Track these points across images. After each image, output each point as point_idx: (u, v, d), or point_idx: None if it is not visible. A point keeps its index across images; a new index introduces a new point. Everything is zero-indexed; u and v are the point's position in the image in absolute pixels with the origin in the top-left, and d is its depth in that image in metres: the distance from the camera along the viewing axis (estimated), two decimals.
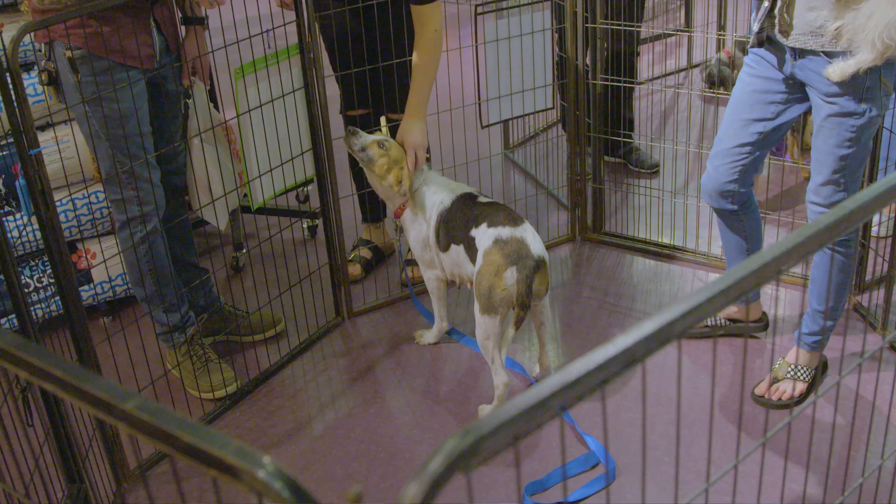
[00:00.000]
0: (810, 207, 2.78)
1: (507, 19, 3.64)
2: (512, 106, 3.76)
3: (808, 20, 2.53)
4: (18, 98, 2.44)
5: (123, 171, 2.84)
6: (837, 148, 2.62)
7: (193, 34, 3.12)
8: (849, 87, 2.52)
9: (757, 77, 2.78)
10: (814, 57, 2.57)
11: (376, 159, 3.16)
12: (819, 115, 2.64)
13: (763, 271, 1.00)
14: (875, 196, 1.17)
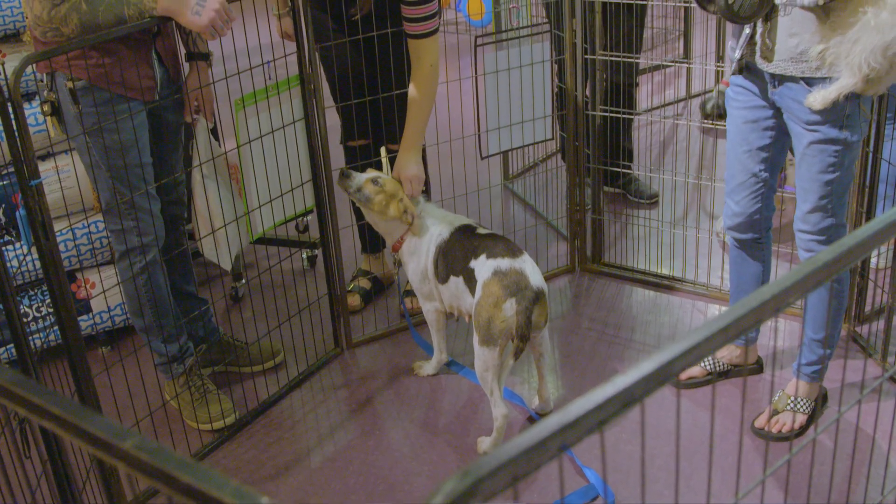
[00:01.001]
0: (799, 236, 2.79)
1: (506, 50, 3.66)
2: (511, 137, 3.77)
3: (789, 46, 2.56)
4: (20, 128, 2.45)
5: (123, 202, 2.85)
6: (822, 174, 2.64)
7: (197, 70, 3.13)
8: (829, 115, 2.55)
9: (744, 109, 2.81)
10: (793, 84, 2.60)
11: (373, 197, 3.17)
12: (801, 143, 2.66)
13: (762, 309, 1.01)
14: (873, 233, 1.18)
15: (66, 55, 2.67)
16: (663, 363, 0.90)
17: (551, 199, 4.57)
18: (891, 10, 2.34)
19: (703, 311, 3.69)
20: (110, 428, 0.87)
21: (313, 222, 4.26)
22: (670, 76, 6.31)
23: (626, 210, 4.54)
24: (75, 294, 3.52)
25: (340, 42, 3.43)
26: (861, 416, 2.96)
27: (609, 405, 0.86)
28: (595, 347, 3.48)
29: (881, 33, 2.36)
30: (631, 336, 3.55)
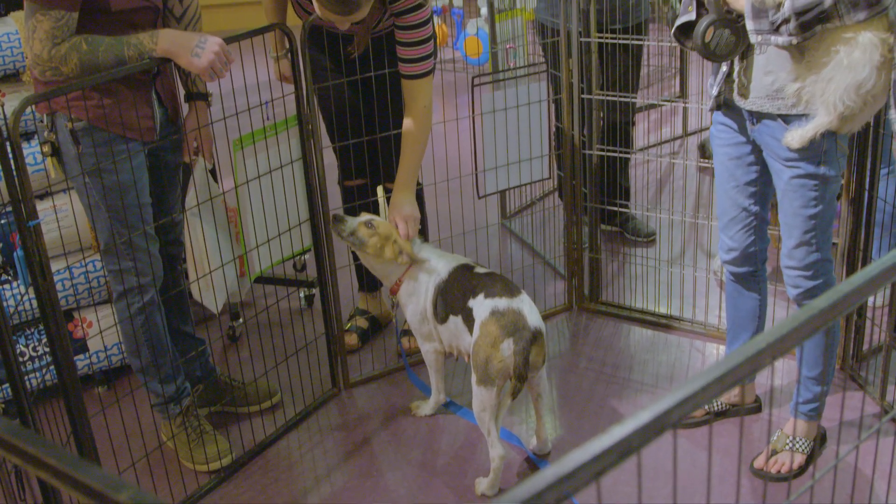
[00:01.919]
0: (786, 272, 2.80)
1: (503, 90, 3.68)
2: (509, 176, 3.79)
3: (765, 84, 2.60)
4: (18, 169, 2.46)
5: (122, 242, 2.85)
6: (804, 209, 2.66)
7: (196, 110, 3.15)
8: (807, 151, 2.58)
9: (727, 146, 2.86)
10: (770, 122, 2.64)
11: (367, 240, 3.17)
12: (780, 179, 2.69)
13: (758, 358, 1.01)
14: (869, 279, 1.18)
15: (65, 96, 2.68)
16: (660, 413, 0.90)
17: (549, 238, 4.58)
18: (862, 49, 2.38)
19: (700, 349, 3.69)
20: (106, 479, 0.86)
21: (311, 261, 4.26)
22: (666, 114, 6.34)
23: (623, 248, 4.55)
24: (72, 333, 3.51)
25: (338, 82, 3.45)
26: (859, 456, 2.95)
27: (606, 456, 0.86)
28: (593, 387, 3.47)
29: (854, 72, 2.40)
30: (629, 375, 3.54)
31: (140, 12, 2.81)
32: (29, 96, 2.52)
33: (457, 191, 4.06)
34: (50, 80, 2.70)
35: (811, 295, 2.79)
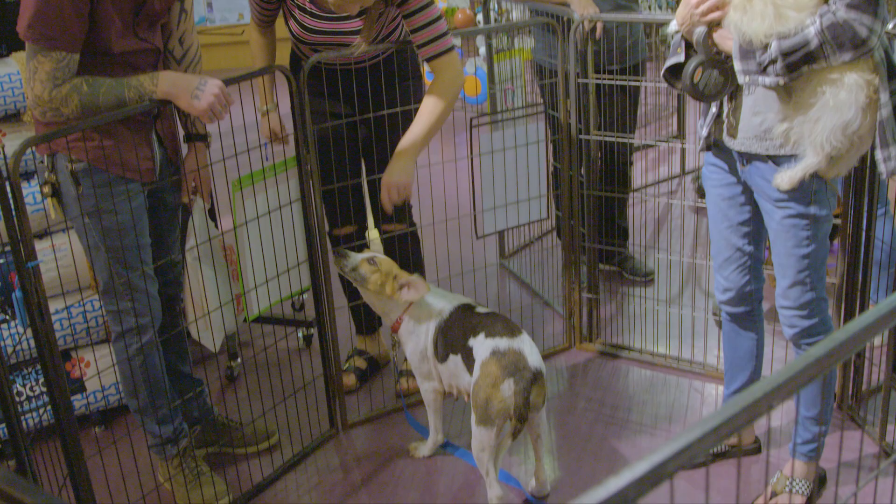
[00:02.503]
0: (782, 312, 2.81)
1: (502, 131, 3.70)
2: (507, 216, 3.80)
3: (753, 124, 2.62)
4: (18, 210, 2.47)
5: (120, 283, 2.85)
6: (796, 248, 2.68)
7: (195, 151, 3.16)
8: (796, 192, 2.60)
9: (719, 186, 2.87)
10: (760, 163, 2.66)
11: (368, 276, 3.17)
12: (772, 219, 2.71)
13: (755, 407, 1.01)
14: (865, 326, 1.18)
15: (65, 137, 2.69)
16: (656, 465, 0.90)
17: (547, 277, 4.58)
18: (848, 90, 2.40)
19: (699, 390, 3.68)
20: None
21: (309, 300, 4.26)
22: (664, 153, 6.37)
23: (621, 288, 4.55)
24: (69, 373, 3.50)
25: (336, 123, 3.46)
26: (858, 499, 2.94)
27: None
28: (592, 428, 3.46)
29: (840, 112, 2.42)
30: (628, 416, 3.53)
31: (141, 54, 2.83)
32: (30, 138, 2.53)
33: (455, 231, 4.08)
34: (50, 121, 2.72)
35: (807, 334, 2.79)
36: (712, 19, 2.53)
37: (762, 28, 2.41)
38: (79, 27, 2.60)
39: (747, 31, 2.44)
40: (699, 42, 2.56)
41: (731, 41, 2.50)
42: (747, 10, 2.43)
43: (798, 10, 2.38)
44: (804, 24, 2.37)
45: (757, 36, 2.43)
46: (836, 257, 3.30)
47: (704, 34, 2.55)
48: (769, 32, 2.41)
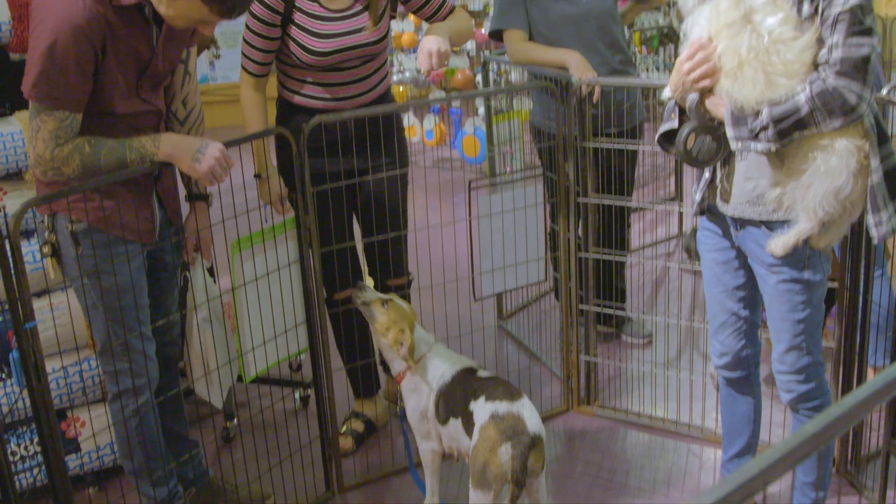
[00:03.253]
0: (779, 378, 2.82)
1: (500, 194, 3.72)
2: (505, 278, 3.80)
3: (746, 189, 2.65)
4: (17, 271, 2.48)
5: (118, 344, 2.85)
6: (792, 313, 2.69)
7: (196, 211, 3.17)
8: (790, 257, 2.61)
9: (714, 251, 2.89)
10: (754, 229, 2.67)
11: (377, 317, 3.17)
12: (766, 285, 2.72)
13: (750, 485, 1.01)
14: (861, 401, 1.18)
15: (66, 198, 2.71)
16: None
17: (545, 339, 4.58)
18: (839, 156, 2.43)
19: (697, 454, 3.66)
20: None
21: (307, 360, 4.25)
22: (662, 213, 6.39)
23: (619, 350, 4.54)
24: (64, 433, 3.48)
25: (336, 185, 3.48)
26: None
27: None
28: (590, 492, 3.44)
29: (832, 178, 2.44)
30: (626, 480, 3.51)
31: (144, 116, 2.86)
32: (31, 199, 2.55)
33: (453, 292, 4.08)
34: (51, 180, 2.72)
35: (805, 399, 2.79)
36: (704, 86, 2.56)
37: (753, 95, 2.44)
38: (83, 87, 2.63)
39: (739, 97, 2.47)
40: (692, 109, 2.59)
41: (724, 108, 2.52)
42: (738, 77, 2.46)
43: (788, 78, 2.42)
44: (794, 91, 2.41)
45: (748, 102, 2.46)
46: (834, 320, 3.31)
47: (697, 101, 2.58)
48: (760, 99, 2.44)
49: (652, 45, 8.47)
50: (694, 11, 2.57)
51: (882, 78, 3.56)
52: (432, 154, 8.49)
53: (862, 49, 2.38)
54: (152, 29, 2.76)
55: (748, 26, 2.45)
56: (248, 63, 3.47)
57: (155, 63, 2.81)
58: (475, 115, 7.83)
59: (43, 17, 2.56)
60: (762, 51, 2.43)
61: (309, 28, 3.38)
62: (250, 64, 3.47)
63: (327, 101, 3.50)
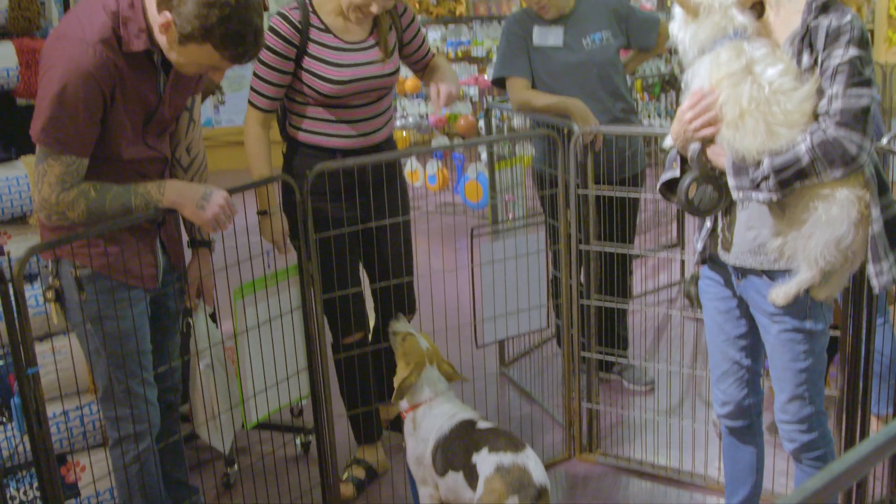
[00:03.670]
0: (781, 427, 2.81)
1: (502, 241, 3.73)
2: (507, 325, 3.80)
3: (747, 239, 2.65)
4: (20, 316, 2.48)
5: (120, 389, 2.85)
6: (794, 363, 2.68)
7: (199, 257, 3.19)
8: (792, 307, 2.61)
9: (715, 300, 2.88)
10: (755, 278, 2.67)
11: (394, 347, 3.28)
12: (768, 334, 2.72)
13: None
14: (862, 457, 1.18)
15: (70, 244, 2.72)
16: None
17: (547, 385, 4.56)
18: (840, 206, 2.43)
19: (700, 503, 3.64)
20: None
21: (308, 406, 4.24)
22: (663, 259, 6.39)
23: (621, 398, 4.53)
24: (64, 478, 3.46)
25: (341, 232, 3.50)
26: None
27: None
28: None
29: (833, 228, 2.45)
30: None
31: (149, 162, 2.88)
32: (35, 245, 2.56)
33: (455, 339, 4.07)
34: (56, 225, 2.74)
35: (807, 448, 2.78)
36: (705, 136, 2.57)
37: (754, 145, 2.46)
38: (91, 133, 2.65)
39: (740, 147, 2.48)
40: (693, 158, 2.60)
41: (725, 157, 2.54)
42: (739, 128, 2.48)
43: (789, 128, 2.43)
44: (795, 142, 2.42)
45: (749, 152, 2.47)
46: (837, 367, 3.30)
47: (698, 150, 2.59)
48: (761, 149, 2.45)
49: (654, 92, 8.52)
50: (695, 63, 2.60)
51: (882, 127, 3.59)
52: (435, 199, 8.52)
53: (862, 100, 2.40)
54: (160, 75, 2.79)
55: (749, 77, 2.47)
56: (258, 98, 3.48)
57: (161, 109, 2.83)
58: (478, 161, 7.86)
59: (54, 63, 2.59)
60: (763, 101, 2.44)
61: (325, 58, 3.43)
62: (260, 99, 3.48)
63: (336, 138, 3.54)
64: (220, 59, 2.63)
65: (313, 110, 3.52)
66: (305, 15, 3.44)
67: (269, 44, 3.38)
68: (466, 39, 8.91)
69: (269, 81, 3.45)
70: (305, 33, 3.41)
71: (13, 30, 3.39)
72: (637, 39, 4.40)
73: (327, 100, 3.47)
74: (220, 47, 2.58)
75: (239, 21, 2.55)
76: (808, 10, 2.47)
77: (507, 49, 4.30)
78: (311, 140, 3.56)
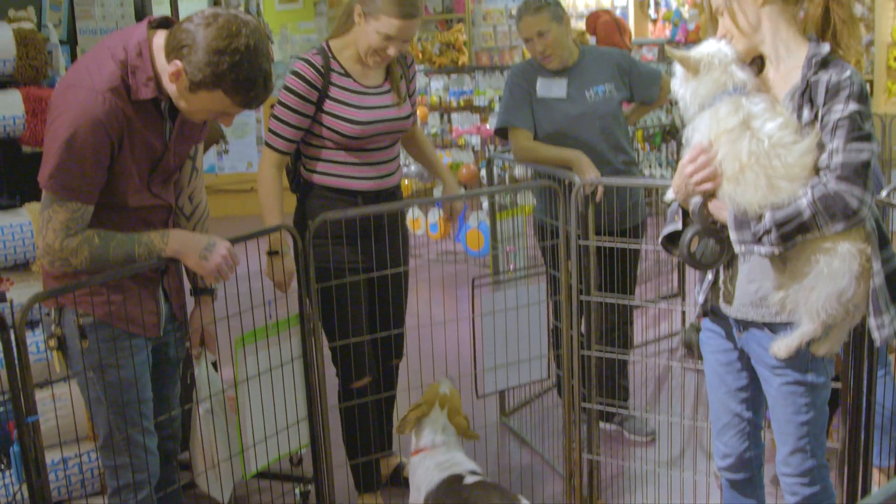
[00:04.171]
0: (783, 480, 2.80)
1: (503, 291, 3.74)
2: (508, 376, 3.80)
3: (749, 291, 2.66)
4: (21, 364, 2.48)
5: (120, 438, 2.84)
6: (796, 415, 2.68)
7: (201, 305, 3.19)
8: (793, 360, 2.61)
9: (716, 352, 2.89)
10: (757, 331, 2.68)
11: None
12: (770, 387, 2.72)
13: None
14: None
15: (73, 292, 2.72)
16: None
17: (548, 436, 4.54)
18: (841, 259, 2.45)
19: None
20: None
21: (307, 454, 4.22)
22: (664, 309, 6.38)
23: (622, 448, 4.51)
24: None
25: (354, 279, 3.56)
26: None
27: None
28: None
29: (834, 281, 2.46)
30: None
31: (154, 210, 2.89)
32: (38, 293, 2.57)
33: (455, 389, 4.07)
34: (59, 271, 2.74)
35: (810, 502, 2.77)
36: (707, 189, 2.59)
37: (756, 199, 2.48)
38: (98, 180, 2.67)
39: (741, 201, 2.50)
40: (695, 212, 2.62)
41: (727, 211, 2.55)
42: (740, 182, 2.50)
43: (790, 181, 2.45)
44: (797, 195, 2.44)
45: (751, 206, 2.49)
46: (838, 419, 3.29)
47: (700, 204, 2.61)
48: (763, 203, 2.47)
49: (655, 142, 8.57)
50: (695, 118, 2.62)
51: (882, 179, 3.61)
52: (436, 247, 8.54)
53: (862, 154, 2.42)
54: (166, 123, 2.81)
55: (748, 132, 2.50)
56: (278, 140, 3.56)
57: (167, 157, 2.85)
58: (479, 210, 7.89)
59: (63, 110, 2.61)
60: (763, 155, 2.47)
61: (346, 101, 3.54)
62: (279, 141, 3.56)
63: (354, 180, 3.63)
64: (231, 105, 2.66)
65: (330, 153, 3.60)
66: (326, 60, 3.56)
67: (293, 87, 3.50)
68: (469, 89, 8.99)
69: (289, 124, 3.53)
70: (327, 77, 3.53)
71: (20, 79, 3.44)
72: (640, 93, 4.44)
73: (348, 141, 3.56)
74: (232, 93, 2.61)
75: (249, 67, 2.58)
76: (808, 66, 2.50)
77: (511, 100, 4.33)
78: (326, 182, 3.63)
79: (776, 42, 2.59)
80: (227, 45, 2.55)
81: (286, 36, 13.43)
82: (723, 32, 2.65)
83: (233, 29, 2.57)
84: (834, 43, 2.55)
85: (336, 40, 3.63)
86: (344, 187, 3.62)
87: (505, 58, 11.74)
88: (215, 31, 2.56)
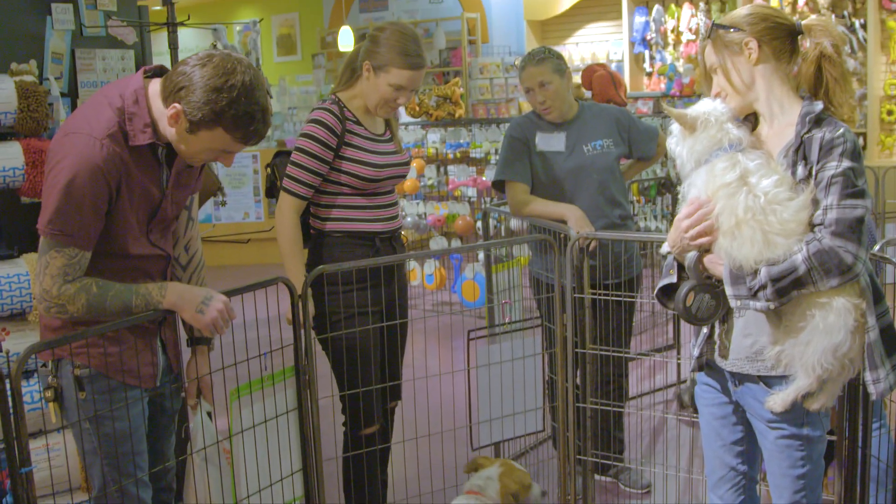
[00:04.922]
0: None
1: (499, 344, 3.75)
2: (503, 427, 3.80)
3: (744, 346, 2.67)
4: (16, 415, 2.47)
5: (115, 490, 2.82)
6: (792, 469, 2.68)
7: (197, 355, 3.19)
8: (789, 413, 2.62)
9: (712, 406, 2.89)
10: (752, 385, 2.69)
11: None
12: (766, 440, 2.72)
13: None
14: None
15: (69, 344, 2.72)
16: None
17: (543, 488, 4.51)
18: (837, 314, 2.47)
19: None
20: None
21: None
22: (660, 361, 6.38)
23: (618, 500, 4.48)
24: None
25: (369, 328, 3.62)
26: None
27: None
28: None
29: (830, 336, 2.47)
30: None
31: (152, 259, 2.90)
32: (34, 344, 2.56)
33: (451, 440, 4.05)
34: (55, 318, 2.74)
35: None
36: (702, 245, 2.61)
37: (752, 254, 2.50)
38: (96, 226, 2.68)
39: (737, 256, 2.52)
40: (690, 267, 2.64)
41: (722, 266, 2.57)
42: (736, 237, 2.52)
43: (786, 237, 2.48)
44: (792, 251, 2.46)
45: (747, 261, 2.51)
46: (834, 472, 3.28)
47: (695, 259, 2.63)
48: (759, 258, 2.49)
49: (650, 195, 8.62)
50: (691, 175, 2.65)
51: (875, 233, 3.64)
52: (432, 298, 8.55)
53: (856, 210, 2.45)
54: (163, 170, 2.83)
55: (744, 187, 2.53)
56: (299, 187, 3.62)
57: (164, 205, 2.87)
58: (475, 261, 7.92)
59: (62, 157, 2.63)
60: (759, 210, 2.49)
61: (364, 147, 3.67)
62: (301, 187, 3.62)
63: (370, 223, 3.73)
64: (232, 142, 2.69)
65: (346, 199, 3.69)
66: (341, 109, 3.68)
67: (315, 134, 3.60)
68: (465, 141, 9.06)
69: (311, 170, 3.61)
70: (344, 125, 3.65)
71: (21, 130, 3.47)
72: (638, 149, 4.49)
73: (365, 185, 3.67)
74: (231, 129, 2.65)
75: (247, 102, 2.62)
76: (802, 124, 2.54)
77: (509, 153, 4.37)
78: (344, 227, 3.70)
79: (770, 100, 2.63)
80: (224, 82, 2.59)
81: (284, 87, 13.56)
82: (717, 90, 2.70)
83: (228, 67, 2.61)
84: (827, 100, 2.59)
85: (343, 92, 3.76)
86: (363, 230, 3.70)
87: (501, 111, 11.84)
88: (211, 70, 2.60)
